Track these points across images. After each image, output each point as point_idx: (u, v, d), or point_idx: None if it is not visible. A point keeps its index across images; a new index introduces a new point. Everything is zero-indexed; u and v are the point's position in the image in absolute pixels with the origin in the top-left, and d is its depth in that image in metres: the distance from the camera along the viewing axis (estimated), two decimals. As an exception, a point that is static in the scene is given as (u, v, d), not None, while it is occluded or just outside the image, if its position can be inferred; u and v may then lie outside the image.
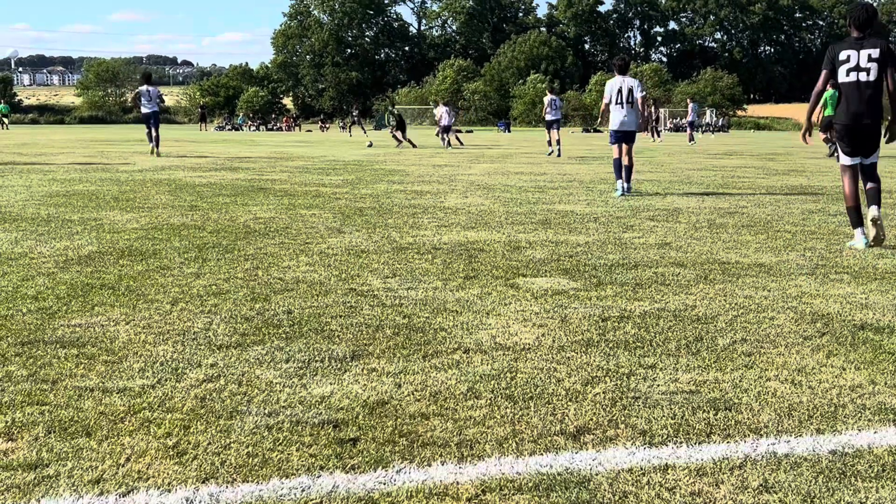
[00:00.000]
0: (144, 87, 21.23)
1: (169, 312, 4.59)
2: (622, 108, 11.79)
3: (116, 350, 3.87)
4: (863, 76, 6.95)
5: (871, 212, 6.96)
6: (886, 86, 6.93)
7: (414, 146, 28.65)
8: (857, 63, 6.96)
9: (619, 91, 11.80)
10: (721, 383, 3.46)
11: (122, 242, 6.94)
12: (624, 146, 11.76)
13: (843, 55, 7.04)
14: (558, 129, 23.71)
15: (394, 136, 30.01)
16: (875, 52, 6.89)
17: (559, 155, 22.70)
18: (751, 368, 3.66)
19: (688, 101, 39.05)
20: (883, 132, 7.20)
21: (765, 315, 4.61)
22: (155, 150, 20.88)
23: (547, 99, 24.35)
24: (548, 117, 23.97)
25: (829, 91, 15.55)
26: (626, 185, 11.74)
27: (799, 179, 14.52)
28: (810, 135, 7.74)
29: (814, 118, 7.77)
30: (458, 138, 33.00)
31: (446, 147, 29.35)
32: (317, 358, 3.77)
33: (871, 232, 6.92)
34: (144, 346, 3.93)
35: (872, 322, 4.48)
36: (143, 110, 21.22)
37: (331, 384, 3.42)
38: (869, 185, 7.18)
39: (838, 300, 5.00)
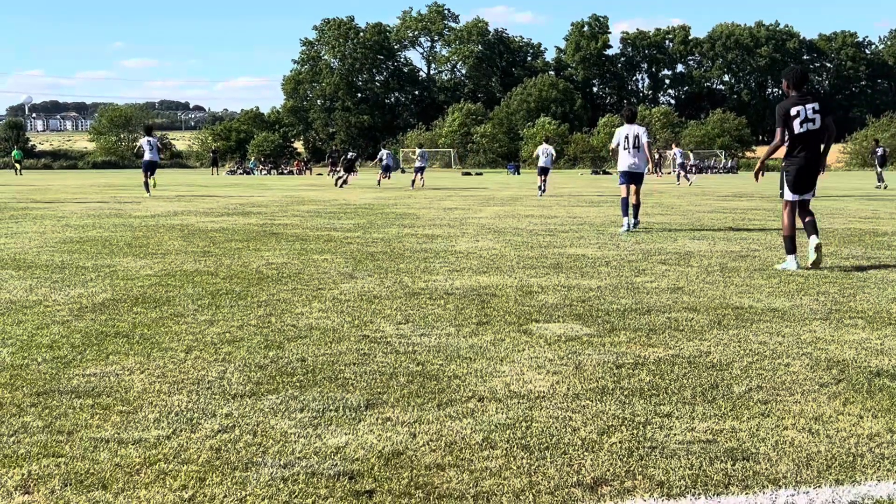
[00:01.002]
0: (145, 139, 24.03)
1: (183, 361, 4.60)
2: (629, 152, 13.02)
3: (131, 400, 3.87)
4: (811, 126, 8.27)
5: (812, 241, 8.25)
6: (827, 130, 8.35)
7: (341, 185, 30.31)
8: (805, 115, 8.25)
9: (627, 137, 13.05)
10: (738, 432, 3.44)
11: (135, 289, 6.97)
12: (632, 187, 12.98)
13: (793, 111, 8.28)
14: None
15: (336, 173, 31.22)
16: (816, 105, 8.27)
17: (543, 192, 25.25)
18: (767, 417, 3.64)
19: (672, 146, 40.82)
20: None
21: (780, 361, 4.59)
22: (149, 191, 23.56)
23: (541, 147, 26.00)
24: (540, 163, 25.69)
25: None
26: (632, 221, 12.81)
27: (810, 221, 14.52)
28: (763, 174, 9.06)
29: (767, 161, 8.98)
30: (381, 179, 35.12)
31: (416, 187, 30.52)
32: (331, 407, 3.77)
33: (813, 256, 8.20)
34: (159, 396, 3.94)
35: (889, 368, 4.45)
36: (146, 157, 23.77)
37: (346, 434, 3.42)
38: (808, 218, 8.49)
39: (853, 346, 4.98)
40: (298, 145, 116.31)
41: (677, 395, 3.97)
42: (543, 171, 25.61)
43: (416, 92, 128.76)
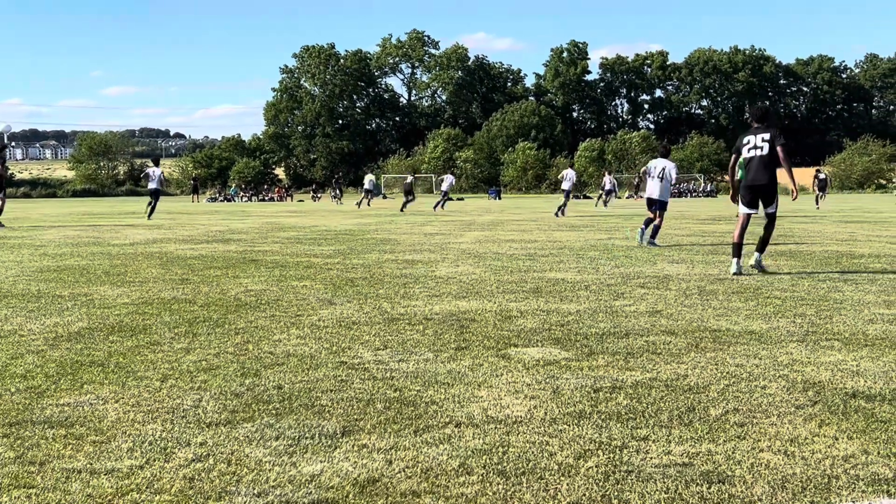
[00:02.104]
0: (150, 169, 27.19)
1: (158, 389, 4.56)
2: (655, 181, 15.10)
3: (105, 429, 3.84)
4: (758, 152, 9.91)
5: (755, 256, 10.21)
6: (779, 155, 9.84)
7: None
8: (754, 143, 9.95)
9: (655, 167, 15.15)
10: (714, 455, 3.44)
11: (112, 318, 6.92)
12: (658, 211, 15.04)
13: (745, 139, 10.10)
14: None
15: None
16: (767, 135, 9.87)
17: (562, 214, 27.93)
18: (744, 439, 3.65)
19: (604, 172, 44.69)
20: (791, 192, 10.64)
21: (756, 384, 4.61)
22: (149, 215, 26.15)
23: (566, 172, 29.57)
24: (564, 186, 29.16)
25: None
26: (651, 239, 14.66)
27: (787, 245, 14.61)
28: (737, 195, 10.50)
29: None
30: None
31: (437, 211, 30.82)
32: (307, 434, 3.74)
33: (750, 263, 10.16)
34: (133, 425, 3.90)
35: (864, 390, 4.48)
36: (149, 185, 26.76)
37: (321, 462, 3.39)
38: (763, 234, 10.22)
39: (829, 367, 5.00)
40: (280, 172, 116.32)
41: (654, 418, 3.97)
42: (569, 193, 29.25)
43: (397, 118, 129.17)
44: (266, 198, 78.74)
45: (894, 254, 12.40)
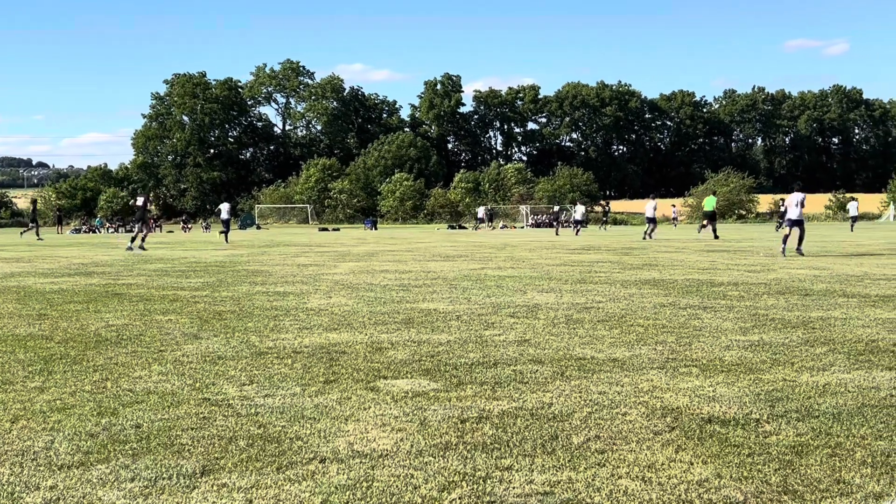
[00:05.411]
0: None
1: (8, 431, 4.34)
2: (794, 210, 20.49)
3: (-56, 476, 3.61)
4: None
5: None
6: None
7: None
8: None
9: (795, 199, 20.76)
10: (575, 483, 3.50)
11: (-41, 356, 6.55)
12: (795, 229, 20.44)
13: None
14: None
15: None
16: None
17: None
18: (603, 466, 3.73)
19: (481, 207, 48.89)
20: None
21: (617, 411, 4.72)
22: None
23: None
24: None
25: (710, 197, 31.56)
26: (798, 247, 20.22)
27: (652, 273, 15.11)
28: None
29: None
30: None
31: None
32: (164, 475, 3.62)
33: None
34: (-24, 471, 3.68)
35: (719, 415, 4.64)
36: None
37: (177, 503, 3.28)
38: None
39: (687, 393, 5.17)
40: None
41: (518, 447, 4.02)
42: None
43: (272, 147, 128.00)
44: (133, 229, 76.42)
45: (752, 282, 12.98)
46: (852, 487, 3.47)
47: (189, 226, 72.96)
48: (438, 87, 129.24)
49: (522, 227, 72.33)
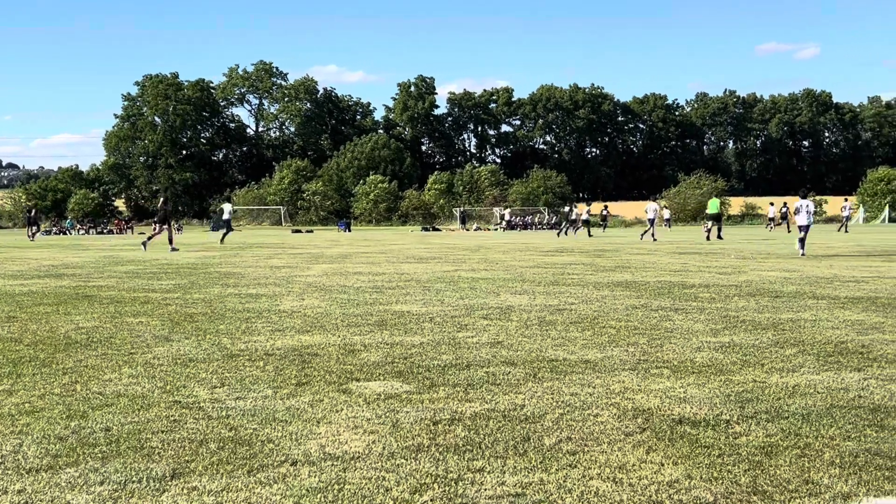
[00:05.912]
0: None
1: (-27, 435, 4.28)
2: (805, 216, 21.74)
3: None
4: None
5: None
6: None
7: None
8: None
9: (804, 205, 21.97)
10: (546, 484, 3.51)
11: (-75, 359, 6.46)
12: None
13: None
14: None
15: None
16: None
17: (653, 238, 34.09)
18: (575, 467, 3.74)
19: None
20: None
21: (589, 412, 4.74)
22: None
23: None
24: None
25: (714, 199, 35.86)
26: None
27: (624, 275, 15.19)
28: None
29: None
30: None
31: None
32: (134, 478, 3.59)
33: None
34: (-58, 476, 3.64)
35: (690, 416, 4.68)
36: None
37: (147, 507, 3.26)
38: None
39: (658, 395, 5.20)
40: (120, 203, 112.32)
41: (490, 449, 4.02)
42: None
43: (245, 149, 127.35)
44: (105, 230, 75.76)
45: (722, 284, 13.08)
46: (821, 488, 3.50)
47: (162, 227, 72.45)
48: (412, 88, 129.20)
49: (495, 229, 72.43)
